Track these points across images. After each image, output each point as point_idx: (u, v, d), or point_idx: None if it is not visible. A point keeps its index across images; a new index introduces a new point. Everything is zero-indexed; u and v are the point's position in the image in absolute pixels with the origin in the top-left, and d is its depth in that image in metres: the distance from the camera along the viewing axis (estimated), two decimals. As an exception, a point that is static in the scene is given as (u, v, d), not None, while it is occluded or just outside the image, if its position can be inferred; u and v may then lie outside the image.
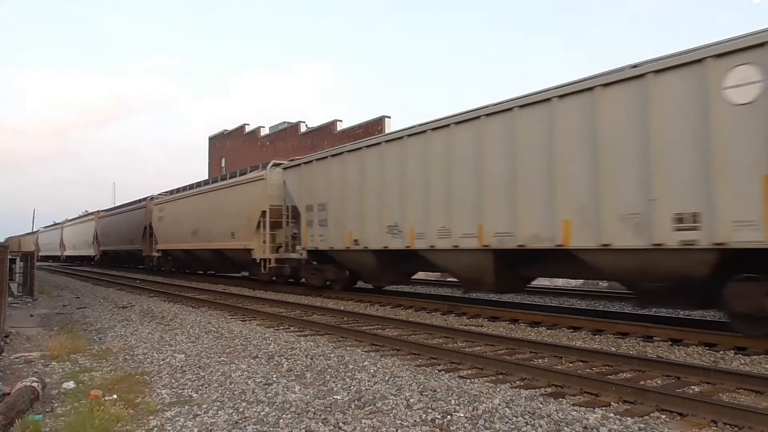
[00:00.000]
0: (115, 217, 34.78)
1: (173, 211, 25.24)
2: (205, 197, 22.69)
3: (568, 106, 8.74)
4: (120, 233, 32.99)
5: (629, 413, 4.62)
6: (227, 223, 19.85)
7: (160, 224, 26.35)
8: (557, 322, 9.26)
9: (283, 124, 37.62)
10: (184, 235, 23.61)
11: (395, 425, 4.38)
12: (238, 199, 19.33)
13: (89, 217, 41.82)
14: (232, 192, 20.15)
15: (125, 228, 31.85)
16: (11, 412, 4.60)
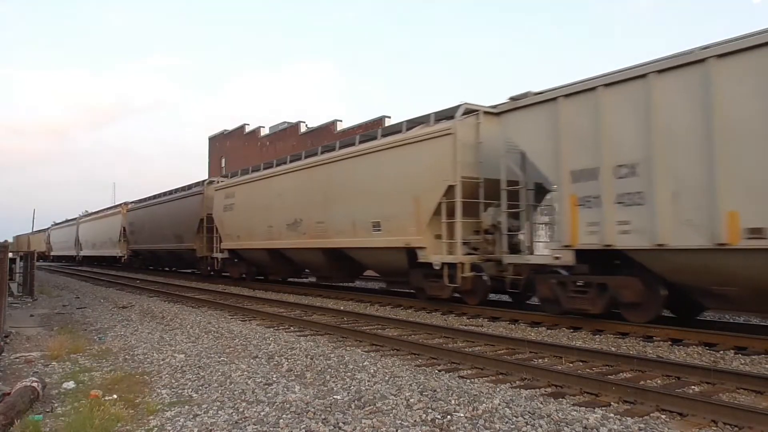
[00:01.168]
0: (153, 209, 27.99)
1: (252, 196, 18.23)
2: (316, 171, 15.12)
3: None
4: (159, 228, 26.26)
5: (629, 413, 4.62)
6: (366, 208, 12.91)
7: (228, 215, 19.70)
8: (557, 322, 9.26)
9: (283, 124, 37.64)
10: (273, 229, 17.00)
11: (395, 425, 4.38)
12: (392, 170, 12.24)
13: (113, 210, 34.87)
14: (379, 159, 12.76)
15: (167, 222, 25.23)
16: (11, 412, 4.60)
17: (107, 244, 34.67)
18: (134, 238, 30.40)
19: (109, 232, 33.95)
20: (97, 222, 38.12)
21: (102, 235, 35.88)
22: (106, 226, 34.94)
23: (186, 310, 12.60)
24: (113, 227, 33.13)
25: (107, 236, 34.52)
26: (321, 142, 31.14)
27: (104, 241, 35.40)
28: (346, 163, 13.97)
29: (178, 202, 24.80)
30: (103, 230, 35.44)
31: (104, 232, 35.25)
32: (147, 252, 29.45)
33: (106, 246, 35.03)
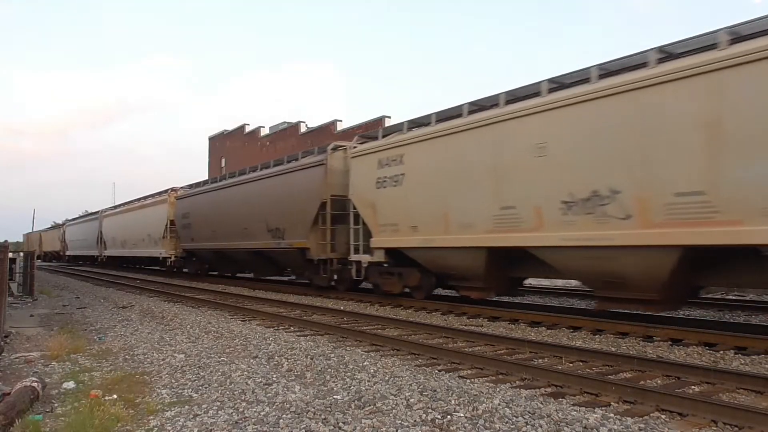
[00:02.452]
0: (225, 193, 20.61)
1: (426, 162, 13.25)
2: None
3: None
4: (237, 219, 19.04)
5: (629, 413, 4.62)
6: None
7: (387, 193, 13.44)
8: (557, 322, 9.26)
9: (283, 124, 37.62)
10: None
11: (395, 425, 4.38)
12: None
13: (156, 198, 27.40)
14: (277, 181, 17.29)
15: (255, 210, 18.02)
16: (11, 412, 4.60)
17: (145, 242, 27.32)
18: (189, 234, 23.08)
19: (149, 226, 26.70)
20: (129, 215, 30.27)
21: (137, 231, 28.43)
22: (144, 219, 27.63)
23: (186, 310, 12.60)
24: (155, 220, 25.93)
25: (145, 232, 27.38)
26: (321, 142, 31.12)
27: (140, 239, 27.96)
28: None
29: (276, 180, 17.36)
30: (140, 224, 28.09)
31: (141, 227, 27.90)
32: (211, 252, 22.15)
33: (143, 244, 27.67)
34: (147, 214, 27.42)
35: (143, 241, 27.65)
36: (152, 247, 26.37)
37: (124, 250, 31.24)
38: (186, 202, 23.87)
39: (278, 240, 16.62)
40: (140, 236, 27.98)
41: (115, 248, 32.96)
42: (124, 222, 31.14)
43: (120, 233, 31.83)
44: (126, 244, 30.78)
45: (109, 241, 34.15)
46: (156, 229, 25.78)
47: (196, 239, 22.55)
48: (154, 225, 26.08)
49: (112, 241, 33.68)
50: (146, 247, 27.28)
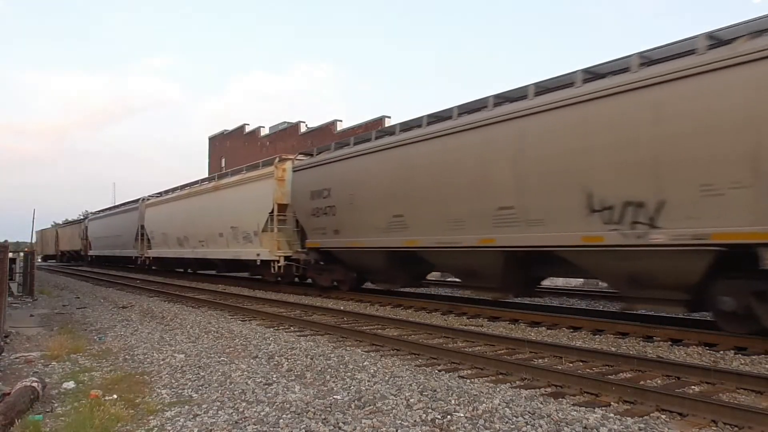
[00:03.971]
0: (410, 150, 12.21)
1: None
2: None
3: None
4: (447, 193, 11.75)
5: (629, 413, 4.62)
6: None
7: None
8: (557, 322, 9.26)
9: (283, 124, 37.63)
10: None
11: (395, 425, 4.38)
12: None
13: (247, 175, 19.26)
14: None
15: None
16: (11, 412, 4.60)
17: (226, 239, 19.67)
18: (328, 224, 14.50)
19: (235, 215, 18.86)
20: (195, 201, 22.39)
21: (211, 223, 20.58)
22: (224, 205, 19.80)
23: (186, 310, 12.60)
24: (248, 206, 17.97)
25: (224, 223, 19.49)
26: (321, 142, 31.16)
27: (216, 233, 20.20)
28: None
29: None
30: (215, 214, 20.31)
31: (218, 217, 20.09)
32: (386, 256, 12.99)
33: (221, 242, 20.09)
34: (229, 199, 19.49)
35: (221, 236, 19.91)
36: (240, 244, 18.72)
37: (185, 250, 23.29)
38: (320, 172, 14.90)
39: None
40: (216, 229, 20.21)
41: (169, 247, 25.04)
42: (186, 211, 23.11)
43: (177, 227, 23.81)
44: (188, 242, 22.90)
45: (157, 237, 26.33)
46: (248, 219, 17.87)
47: (346, 231, 13.88)
48: (245, 213, 18.24)
49: (162, 238, 25.83)
50: (228, 246, 19.61)
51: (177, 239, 24.49)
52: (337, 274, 15.28)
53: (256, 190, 18.09)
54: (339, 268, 15.11)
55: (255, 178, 18.53)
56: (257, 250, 17.78)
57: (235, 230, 19.81)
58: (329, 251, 14.89)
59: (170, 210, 25.55)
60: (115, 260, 34.93)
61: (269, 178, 17.36)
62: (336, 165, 14.61)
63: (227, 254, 20.44)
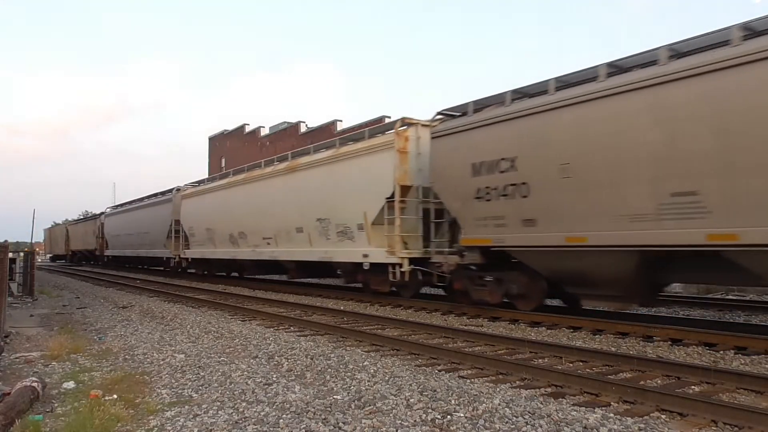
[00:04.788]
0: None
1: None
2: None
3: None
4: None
5: (629, 413, 4.62)
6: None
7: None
8: (557, 322, 9.26)
9: (283, 124, 37.62)
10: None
11: (395, 425, 4.38)
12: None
13: (354, 146, 14.14)
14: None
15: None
16: (11, 412, 4.60)
17: (313, 234, 14.97)
18: (526, 209, 9.57)
19: (331, 201, 14.23)
20: (260, 187, 17.69)
21: (286, 215, 16.04)
22: (309, 190, 15.12)
23: (186, 310, 12.60)
24: (355, 189, 13.39)
25: (309, 213, 15.03)
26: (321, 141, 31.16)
27: (299, 227, 15.50)
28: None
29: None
30: (292, 202, 15.71)
31: (296, 208, 15.58)
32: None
33: (304, 238, 15.38)
34: (316, 182, 14.84)
35: (300, 232, 15.50)
36: (332, 242, 14.23)
37: (242, 250, 18.68)
38: (493, 136, 10.15)
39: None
40: (293, 223, 15.74)
41: (216, 246, 20.66)
42: (241, 201, 18.61)
43: (229, 221, 19.28)
44: (247, 240, 18.32)
45: (199, 234, 21.83)
46: (349, 208, 13.43)
47: (552, 219, 9.30)
48: (343, 200, 13.71)
49: (205, 235, 21.29)
50: (311, 244, 15.05)
51: (229, 236, 19.30)
52: (518, 286, 10.08)
53: (363, 168, 13.11)
54: (521, 277, 10.03)
55: (361, 151, 13.41)
56: (363, 249, 12.87)
57: (324, 223, 14.29)
58: (507, 251, 9.94)
59: (218, 201, 20.16)
60: (137, 261, 30.60)
61: (386, 150, 12.29)
62: (528, 122, 9.27)
63: (310, 255, 15.06)
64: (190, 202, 22.90)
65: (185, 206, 23.21)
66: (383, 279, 12.55)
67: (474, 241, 10.43)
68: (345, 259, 13.86)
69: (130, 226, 29.78)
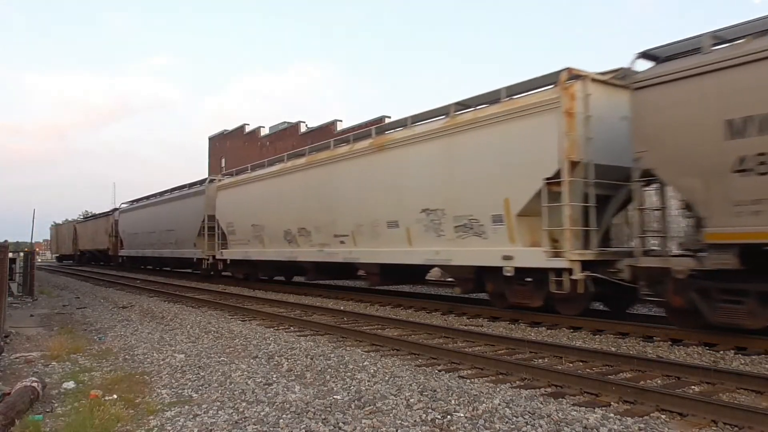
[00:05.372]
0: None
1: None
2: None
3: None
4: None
5: (629, 413, 4.62)
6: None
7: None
8: (557, 322, 9.25)
9: (283, 124, 37.62)
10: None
11: (395, 425, 4.38)
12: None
13: (513, 105, 9.73)
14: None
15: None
16: (11, 412, 4.60)
17: (414, 229, 11.63)
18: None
19: (446, 186, 10.85)
20: (327, 171, 14.49)
21: (371, 206, 12.81)
22: (404, 173, 11.86)
23: (186, 310, 12.60)
24: (487, 171, 9.98)
25: (407, 204, 11.74)
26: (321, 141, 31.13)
27: (391, 221, 12.18)
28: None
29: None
30: (379, 189, 12.56)
31: (383, 197, 12.39)
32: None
33: (399, 234, 12.06)
34: (416, 161, 11.59)
35: (393, 227, 12.15)
36: (445, 240, 10.97)
37: (303, 250, 15.37)
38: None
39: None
40: (381, 216, 12.45)
41: (264, 245, 17.43)
42: (299, 191, 15.43)
43: (283, 215, 16.16)
44: (310, 237, 15.02)
45: (241, 231, 18.51)
46: (478, 195, 10.24)
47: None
48: (465, 183, 10.49)
49: (249, 232, 17.99)
50: (409, 242, 11.82)
51: (284, 234, 15.98)
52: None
53: (503, 138, 9.60)
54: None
55: (499, 116, 9.74)
56: (503, 249, 9.56)
57: (434, 216, 10.83)
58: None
59: (268, 191, 16.98)
60: (158, 263, 27.47)
61: (544, 113, 8.99)
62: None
63: (409, 257, 11.76)
64: (229, 194, 19.50)
65: (222, 199, 19.90)
66: (532, 290, 9.45)
67: (730, 237, 6.94)
68: (469, 261, 10.37)
69: (151, 223, 26.54)
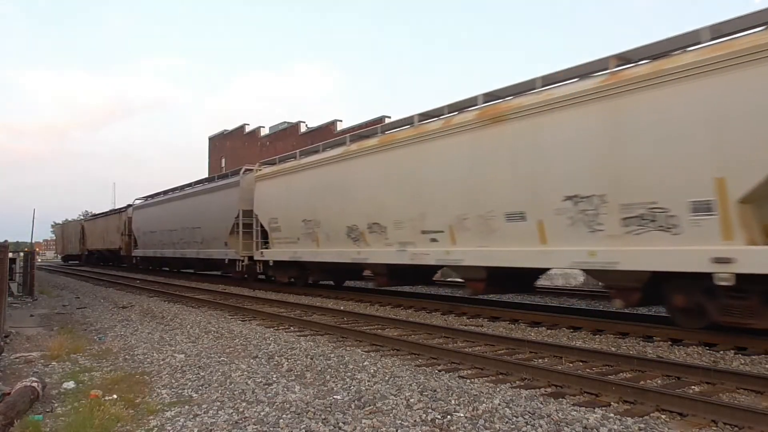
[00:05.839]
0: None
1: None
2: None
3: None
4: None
5: (629, 413, 4.62)
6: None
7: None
8: (557, 322, 9.26)
9: (283, 124, 37.62)
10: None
11: (395, 425, 4.38)
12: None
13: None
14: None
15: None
16: (11, 412, 4.60)
17: (557, 220, 8.69)
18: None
19: (624, 162, 7.80)
20: (415, 152, 11.36)
21: (494, 195, 9.63)
22: (544, 144, 8.80)
23: (186, 310, 12.60)
24: (689, 139, 7.08)
25: (556, 185, 8.63)
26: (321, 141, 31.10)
27: (515, 212, 9.28)
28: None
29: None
30: (508, 171, 9.38)
31: (516, 182, 9.25)
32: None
33: (526, 229, 9.17)
34: (571, 128, 8.53)
35: (516, 220, 9.38)
36: (629, 236, 7.87)
37: (384, 251, 12.27)
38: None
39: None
40: (498, 205, 9.68)
41: (318, 244, 14.56)
42: (370, 176, 12.70)
43: (342, 206, 13.49)
44: (386, 234, 12.19)
45: (288, 227, 15.80)
46: (680, 173, 7.28)
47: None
48: (653, 156, 7.53)
49: (300, 228, 15.15)
50: (540, 240, 9.03)
51: (348, 230, 13.23)
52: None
53: (714, 95, 6.93)
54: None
55: (713, 63, 6.94)
56: (716, 248, 6.87)
57: (586, 204, 8.18)
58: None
59: (324, 179, 14.23)
60: (180, 264, 25.14)
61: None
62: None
63: (541, 258, 9.14)
64: (272, 185, 16.93)
65: (262, 191, 17.40)
66: (758, 305, 6.91)
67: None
68: (647, 265, 7.68)
69: (172, 220, 24.02)
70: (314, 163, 15.04)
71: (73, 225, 46.37)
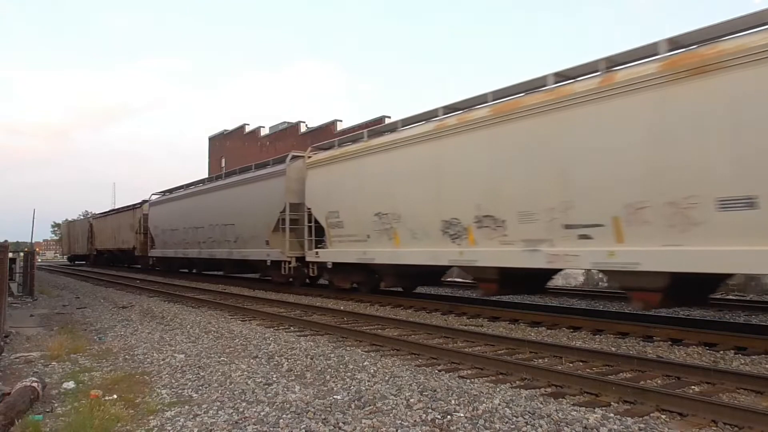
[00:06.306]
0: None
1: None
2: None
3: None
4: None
5: (629, 413, 4.61)
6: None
7: None
8: (557, 322, 9.26)
9: (283, 124, 37.61)
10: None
11: (395, 425, 4.37)
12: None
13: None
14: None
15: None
16: (11, 412, 4.60)
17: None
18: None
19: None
20: (557, 120, 8.33)
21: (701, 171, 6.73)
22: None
23: (186, 310, 12.60)
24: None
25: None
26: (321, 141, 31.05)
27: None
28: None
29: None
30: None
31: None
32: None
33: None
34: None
35: (750, 208, 6.33)
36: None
37: (506, 250, 9.35)
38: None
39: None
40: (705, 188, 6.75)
41: (404, 243, 11.80)
42: (479, 160, 9.84)
43: (437, 195, 10.76)
44: (504, 230, 9.37)
45: (351, 223, 13.38)
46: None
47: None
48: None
49: (369, 225, 12.66)
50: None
51: (442, 225, 10.62)
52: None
53: None
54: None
55: None
56: None
57: None
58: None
59: (405, 163, 11.57)
60: (208, 266, 22.43)
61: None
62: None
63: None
64: (329, 172, 14.26)
65: (316, 180, 14.82)
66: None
67: None
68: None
69: (197, 216, 21.46)
70: (390, 143, 12.14)
71: (81, 223, 43.65)
